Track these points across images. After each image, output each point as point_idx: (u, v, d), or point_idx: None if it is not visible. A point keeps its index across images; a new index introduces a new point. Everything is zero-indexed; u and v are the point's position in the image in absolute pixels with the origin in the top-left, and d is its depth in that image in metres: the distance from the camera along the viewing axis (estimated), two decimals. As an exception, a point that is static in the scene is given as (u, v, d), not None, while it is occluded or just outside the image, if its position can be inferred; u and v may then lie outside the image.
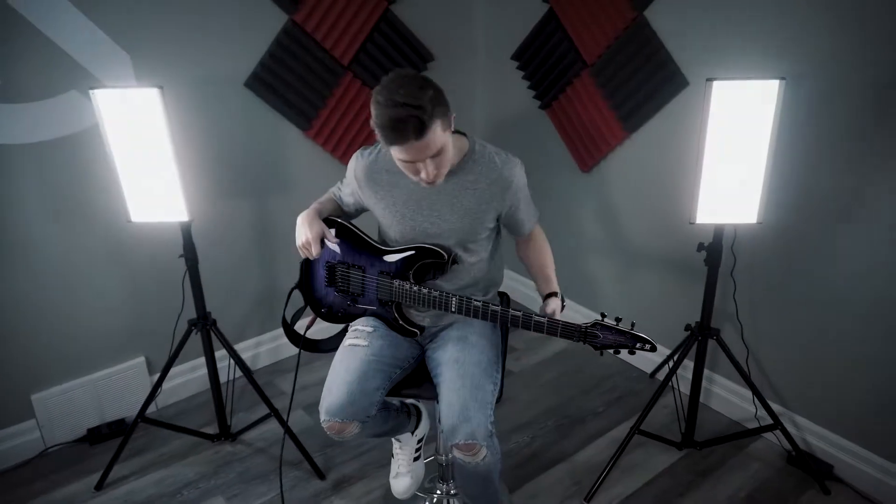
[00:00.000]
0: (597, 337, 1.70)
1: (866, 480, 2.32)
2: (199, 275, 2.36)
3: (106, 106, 2.01)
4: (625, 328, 1.69)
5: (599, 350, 1.73)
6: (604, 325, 1.70)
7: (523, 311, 1.75)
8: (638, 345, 1.69)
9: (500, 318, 1.78)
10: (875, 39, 1.95)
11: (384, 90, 1.63)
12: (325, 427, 1.81)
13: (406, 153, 1.66)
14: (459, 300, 1.81)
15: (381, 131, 1.64)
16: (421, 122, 1.59)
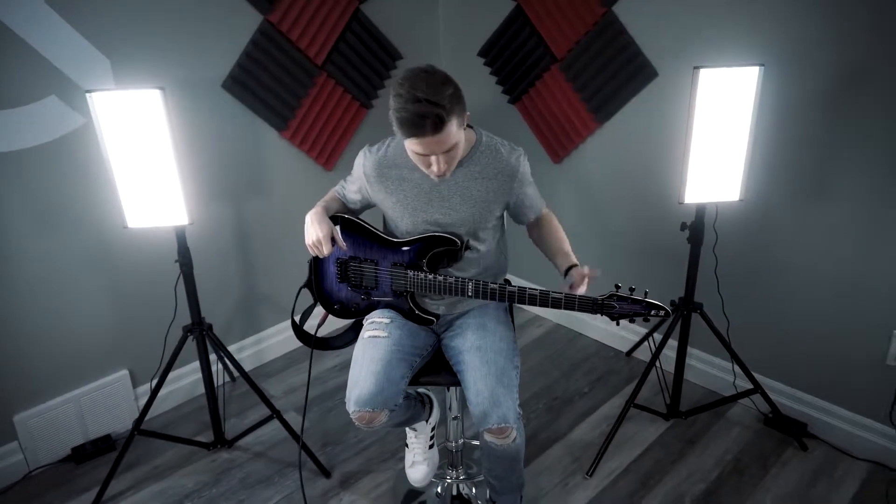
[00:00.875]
0: (613, 308, 1.80)
1: (838, 434, 2.52)
2: (194, 280, 2.33)
3: (103, 109, 1.96)
4: (639, 297, 1.79)
5: (616, 320, 1.82)
6: (619, 296, 1.79)
7: (540, 290, 1.83)
8: (652, 312, 1.78)
9: (518, 298, 1.85)
10: (840, 27, 2.13)
11: (407, 83, 1.67)
12: (355, 418, 1.83)
13: (422, 147, 1.72)
14: (476, 284, 1.88)
15: (400, 124, 1.70)
16: (440, 119, 1.65)
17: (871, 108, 2.14)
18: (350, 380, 1.88)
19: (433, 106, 1.64)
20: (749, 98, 2.06)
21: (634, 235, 2.89)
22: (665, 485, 2.40)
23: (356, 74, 2.95)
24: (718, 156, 2.14)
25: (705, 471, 2.45)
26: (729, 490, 2.37)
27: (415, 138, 1.70)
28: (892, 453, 2.40)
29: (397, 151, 1.93)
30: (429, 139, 1.69)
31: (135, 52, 2.37)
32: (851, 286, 2.34)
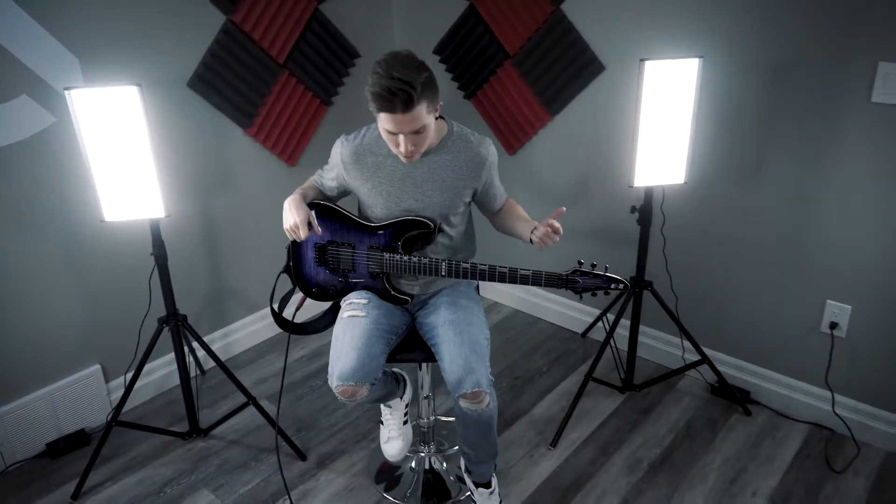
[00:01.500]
0: (577, 282, 1.95)
1: (778, 399, 2.73)
2: (168, 272, 2.39)
3: (81, 105, 2.02)
4: (600, 272, 1.94)
5: (579, 294, 1.97)
6: (582, 272, 1.94)
7: (509, 267, 1.97)
8: (612, 285, 1.94)
9: (489, 275, 1.98)
10: (768, 23, 2.34)
11: (385, 63, 1.81)
12: (338, 392, 1.94)
13: (391, 123, 1.84)
14: (449, 264, 2.00)
15: (374, 98, 1.82)
16: (409, 98, 1.78)
17: (797, 94, 2.35)
18: (332, 357, 1.99)
19: (405, 84, 1.77)
20: (690, 88, 2.24)
21: (587, 220, 3.05)
22: (623, 451, 2.56)
23: (316, 73, 3.05)
24: (664, 142, 2.32)
25: (660, 437, 2.63)
26: (682, 452, 2.55)
27: (386, 113, 1.83)
28: (828, 414, 2.61)
29: (373, 139, 2.05)
30: (399, 116, 1.82)
31: (103, 52, 2.42)
32: (787, 260, 2.55)
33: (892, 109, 2.19)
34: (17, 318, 2.45)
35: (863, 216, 2.35)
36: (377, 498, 2.39)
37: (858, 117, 2.26)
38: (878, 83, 2.19)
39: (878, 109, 2.22)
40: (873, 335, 2.46)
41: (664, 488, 2.40)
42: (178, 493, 2.41)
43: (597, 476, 2.45)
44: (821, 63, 2.28)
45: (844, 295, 2.48)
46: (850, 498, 2.34)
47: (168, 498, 2.40)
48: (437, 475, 2.47)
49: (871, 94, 2.21)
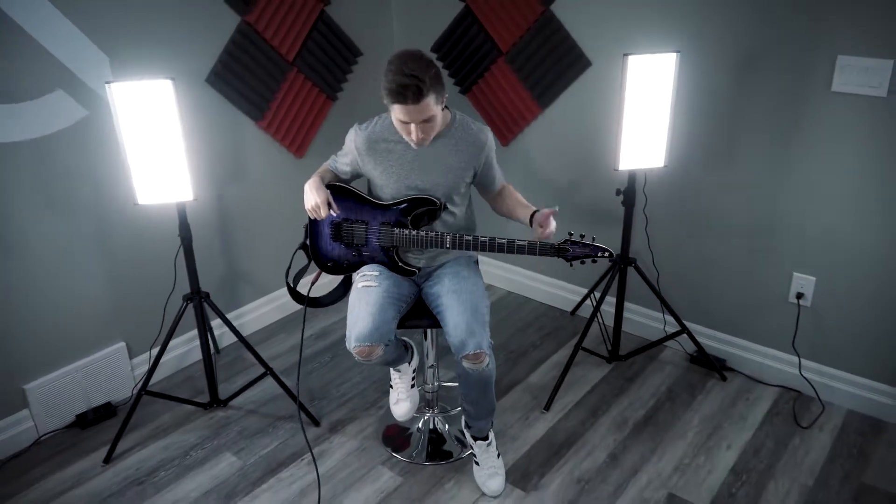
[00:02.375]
0: (568, 251, 2.18)
1: (752, 366, 2.99)
2: (193, 252, 2.59)
3: (120, 98, 2.22)
4: (588, 241, 2.18)
5: (570, 262, 2.20)
6: (573, 241, 2.18)
7: (507, 238, 2.20)
8: (599, 253, 2.18)
9: (489, 246, 2.21)
10: (737, 19, 2.59)
11: (397, 60, 2.05)
12: (355, 352, 2.16)
13: (403, 113, 2.07)
14: (453, 237, 2.23)
15: (388, 92, 2.05)
16: (420, 90, 2.02)
17: (764, 85, 2.60)
18: (349, 322, 2.21)
19: (415, 79, 2.01)
20: (669, 79, 2.49)
21: (576, 203, 3.28)
22: (611, 413, 2.80)
23: (323, 70, 3.26)
24: (646, 128, 2.56)
25: (643, 400, 2.87)
26: (664, 413, 2.79)
27: (398, 105, 2.06)
28: (795, 377, 2.87)
29: (384, 127, 2.27)
30: (410, 107, 2.05)
31: (130, 50, 2.62)
32: (757, 236, 2.81)
33: (849, 97, 2.45)
34: (51, 298, 2.64)
35: (825, 195, 2.61)
36: (386, 457, 2.61)
37: (820, 105, 2.51)
38: (837, 74, 2.45)
39: (837, 98, 2.47)
40: (835, 304, 2.71)
41: (648, 443, 2.64)
42: (203, 456, 2.62)
43: (586, 435, 2.69)
44: (786, 56, 2.53)
45: (809, 267, 2.73)
46: (815, 449, 2.59)
47: (194, 460, 2.60)
48: (439, 436, 2.70)
49: (831, 84, 2.47)
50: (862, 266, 2.61)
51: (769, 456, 2.57)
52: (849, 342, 2.73)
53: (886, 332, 2.63)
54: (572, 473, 2.51)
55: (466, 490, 2.46)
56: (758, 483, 2.45)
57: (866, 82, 2.41)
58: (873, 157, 2.47)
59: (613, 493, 2.43)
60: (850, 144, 2.50)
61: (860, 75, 2.41)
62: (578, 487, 2.45)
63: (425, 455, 2.61)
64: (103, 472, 2.56)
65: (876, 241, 2.55)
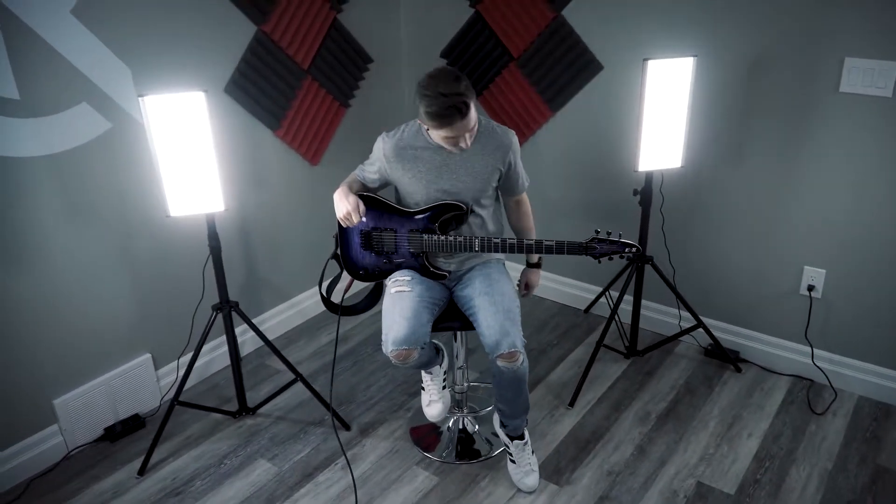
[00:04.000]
0: (595, 249, 2.25)
1: (765, 357, 3.09)
2: (222, 262, 2.62)
3: (153, 110, 2.24)
4: (615, 238, 2.24)
5: (598, 259, 2.26)
6: (599, 239, 2.24)
7: (535, 240, 2.26)
8: (626, 249, 2.24)
9: (517, 247, 2.27)
10: (748, 25, 2.68)
11: (430, 86, 2.10)
12: (392, 356, 2.21)
13: (452, 131, 2.14)
14: (482, 240, 2.29)
15: (432, 118, 2.10)
16: (465, 105, 2.09)
17: (775, 86, 2.70)
18: (385, 327, 2.26)
19: (456, 97, 2.07)
20: (686, 82, 2.57)
21: (588, 203, 3.35)
22: (633, 407, 2.88)
23: (336, 77, 3.30)
24: (663, 130, 2.64)
25: (664, 393, 2.96)
26: (684, 405, 2.88)
27: (447, 127, 2.11)
28: (807, 366, 2.98)
29: (411, 135, 2.32)
30: (458, 125, 2.12)
31: (151, 62, 2.63)
32: (768, 231, 2.91)
33: (856, 98, 2.55)
34: (78, 311, 2.65)
35: (833, 191, 2.71)
36: (419, 458, 2.66)
37: (828, 105, 2.62)
38: (845, 76, 2.55)
39: (845, 98, 2.58)
40: (844, 295, 2.82)
41: (672, 435, 2.72)
42: (238, 464, 2.65)
43: (612, 429, 2.77)
44: (795, 59, 2.63)
45: (819, 261, 2.84)
46: (831, 434, 2.70)
47: (228, 468, 2.63)
48: (468, 436, 2.75)
49: (839, 86, 2.57)
50: (870, 258, 2.72)
51: (788, 442, 2.66)
52: (859, 331, 2.84)
53: (893, 319, 2.74)
54: (602, 467, 2.59)
55: (502, 487, 2.51)
56: (780, 469, 2.54)
57: (873, 83, 2.51)
58: (879, 153, 2.58)
59: (644, 484, 2.50)
60: (858, 142, 2.61)
61: (867, 76, 2.51)
62: (609, 480, 2.53)
63: (455, 455, 2.67)
64: (139, 483, 2.58)
65: (882, 233, 2.66)
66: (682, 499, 2.44)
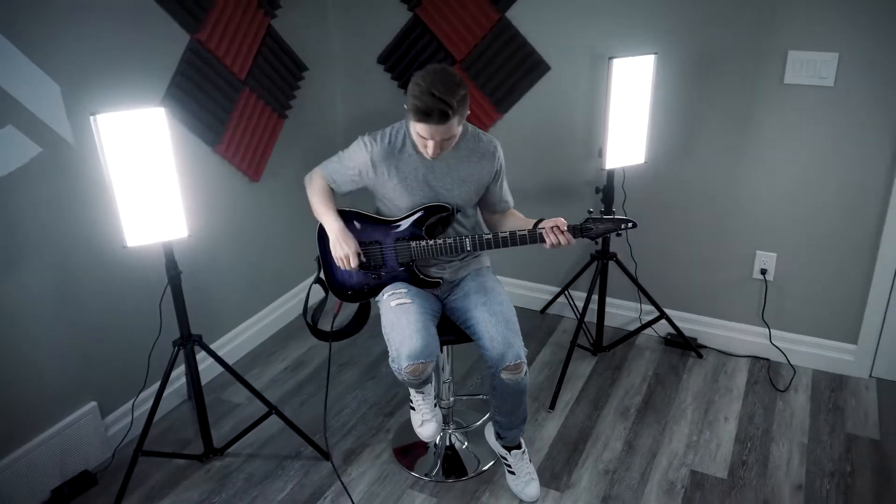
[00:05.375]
0: (591, 229, 2.20)
1: (721, 340, 3.20)
2: (182, 293, 2.38)
3: (106, 130, 2.00)
4: (609, 216, 2.20)
5: (595, 239, 2.20)
6: (594, 219, 2.19)
7: (528, 229, 2.18)
8: (623, 225, 2.17)
9: (511, 240, 2.19)
10: (699, 21, 2.76)
11: (428, 78, 2.01)
12: (407, 371, 2.09)
13: (425, 131, 2.05)
14: (473, 238, 2.21)
15: (414, 109, 2.02)
16: (445, 115, 2.01)
17: (721, 79, 2.80)
18: (395, 342, 2.14)
19: (443, 103, 1.99)
20: (648, 80, 2.61)
21: (543, 205, 3.30)
22: (612, 403, 2.90)
23: (273, 88, 3.11)
24: (628, 128, 2.67)
25: (637, 386, 3.00)
26: (659, 396, 2.93)
27: (422, 123, 2.03)
28: (764, 346, 3.12)
29: (400, 138, 2.22)
30: (434, 128, 2.03)
31: (81, 77, 2.36)
32: (722, 220, 3.01)
33: (800, 88, 2.69)
34: (11, 364, 2.32)
35: (780, 178, 2.85)
36: (412, 480, 2.54)
37: (774, 97, 2.75)
38: (788, 68, 2.68)
39: (789, 89, 2.71)
40: (795, 275, 2.97)
41: (655, 426, 2.76)
42: (215, 512, 2.42)
43: (597, 427, 2.77)
44: (741, 53, 2.74)
45: (770, 245, 2.97)
46: (797, 409, 2.83)
47: (206, 518, 2.40)
48: (455, 452, 2.66)
49: (783, 77, 2.70)
50: (817, 239, 2.88)
51: (762, 421, 2.77)
52: (809, 309, 3.00)
53: (841, 296, 2.92)
54: (597, 466, 2.58)
55: (504, 500, 2.45)
56: (762, 447, 2.63)
57: (816, 74, 2.65)
58: (823, 140, 2.74)
59: (641, 478, 2.52)
60: (802, 131, 2.75)
61: (809, 68, 2.66)
62: (607, 479, 2.52)
63: (442, 472, 2.57)
64: (105, 548, 2.30)
65: (827, 215, 2.83)
66: (680, 489, 2.47)
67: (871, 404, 2.85)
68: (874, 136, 2.65)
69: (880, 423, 2.74)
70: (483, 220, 2.47)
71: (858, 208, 2.77)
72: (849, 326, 2.96)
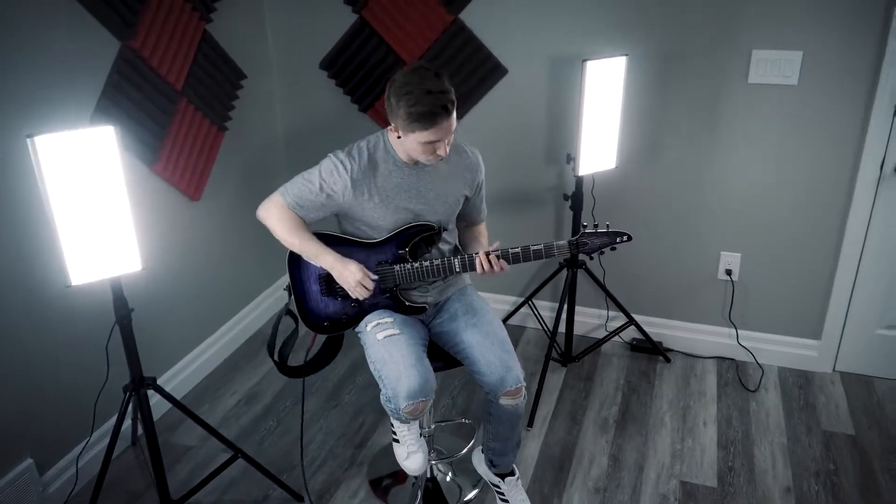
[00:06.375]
0: (586, 244, 2.09)
1: (686, 343, 3.18)
2: (133, 332, 2.11)
3: (46, 153, 1.72)
4: (604, 230, 2.09)
5: (590, 254, 2.10)
6: (588, 233, 2.09)
7: (521, 246, 2.05)
8: (618, 239, 2.08)
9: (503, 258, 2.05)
10: (662, 22, 2.71)
11: (413, 82, 1.85)
12: (408, 411, 1.93)
13: (435, 134, 1.89)
14: (462, 259, 2.06)
15: (418, 119, 1.85)
16: (452, 103, 1.88)
17: (687, 80, 2.77)
18: (389, 380, 1.96)
19: (443, 95, 1.85)
20: (619, 82, 2.54)
21: (504, 213, 3.19)
22: (589, 416, 2.82)
23: (211, 98, 2.85)
24: (600, 132, 2.59)
25: (611, 396, 2.93)
26: (635, 405, 2.87)
27: (433, 128, 1.87)
28: (727, 346, 3.12)
29: (380, 153, 2.05)
30: (443, 125, 1.88)
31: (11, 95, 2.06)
32: (687, 221, 2.99)
33: (764, 88, 2.69)
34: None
35: (744, 178, 2.85)
36: (395, 517, 2.37)
37: (738, 96, 2.73)
38: (753, 67, 2.68)
39: (753, 89, 2.71)
40: (759, 275, 2.98)
41: (637, 438, 2.69)
42: (182, 574, 2.17)
43: (579, 442, 2.67)
44: (704, 53, 2.71)
45: (734, 245, 2.97)
46: (771, 409, 2.84)
47: (172, 582, 2.14)
48: (435, 482, 2.51)
49: (747, 77, 2.69)
50: (781, 238, 2.89)
51: (740, 423, 2.75)
52: (773, 307, 3.02)
53: (805, 293, 2.95)
54: (587, 485, 2.48)
55: (497, 530, 2.31)
56: (745, 452, 2.61)
57: (780, 72, 2.66)
58: (786, 139, 2.74)
59: (632, 495, 2.44)
60: (767, 130, 2.75)
61: (773, 67, 2.65)
62: (599, 497, 2.43)
63: (424, 504, 2.42)
64: None
65: (790, 213, 2.84)
66: (673, 502, 2.41)
67: (840, 399, 2.89)
68: (838, 135, 2.68)
69: (852, 418, 2.78)
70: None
71: (822, 206, 2.80)
72: (812, 323, 2.99)
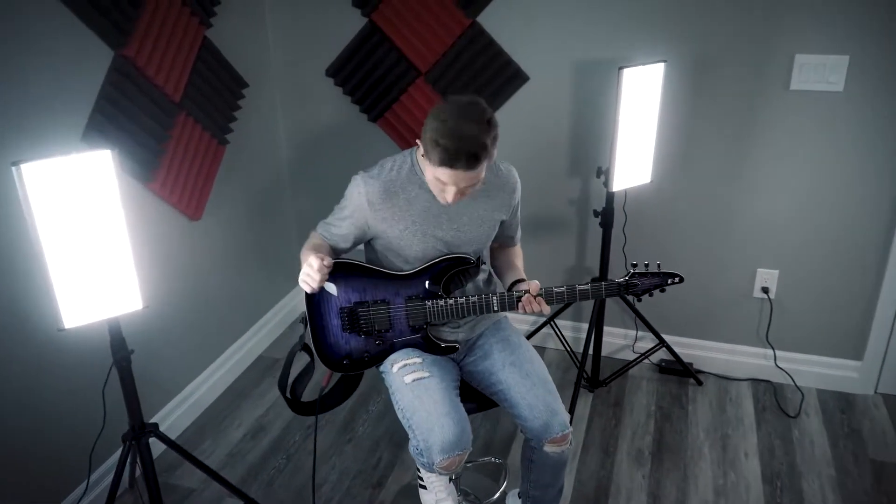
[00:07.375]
0: (636, 286, 1.92)
1: (719, 364, 3.00)
2: (133, 377, 1.90)
3: (34, 183, 1.51)
4: (655, 270, 1.93)
5: (639, 296, 1.94)
6: (640, 274, 1.92)
7: (566, 286, 1.88)
8: (669, 280, 1.93)
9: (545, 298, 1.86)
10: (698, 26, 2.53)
11: (454, 114, 1.67)
12: (442, 466, 1.73)
13: (448, 177, 1.71)
14: (501, 297, 1.87)
15: (437, 151, 1.66)
16: (476, 159, 1.67)
17: (722, 87, 2.59)
18: (420, 431, 1.76)
19: (475, 146, 1.66)
20: (657, 91, 2.35)
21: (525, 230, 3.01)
22: (622, 447, 2.63)
23: (212, 109, 2.63)
24: (635, 144, 2.40)
25: (643, 424, 2.74)
26: (669, 434, 2.69)
27: (448, 169, 1.67)
28: (761, 367, 2.94)
29: (403, 173, 1.85)
30: (458, 174, 1.69)
31: None
32: (721, 237, 2.80)
33: (807, 95, 2.51)
34: None
35: (783, 191, 2.67)
36: (422, 567, 2.17)
37: (778, 104, 2.55)
38: (795, 73, 2.49)
39: (795, 95, 2.52)
40: (797, 293, 2.80)
41: (675, 472, 2.51)
42: None
43: (614, 477, 2.49)
44: (743, 59, 2.52)
45: (772, 262, 2.79)
46: (814, 435, 2.66)
47: None
48: (463, 525, 2.31)
49: (789, 83, 2.51)
50: (820, 254, 2.72)
51: (784, 454, 2.57)
52: (812, 326, 2.84)
53: (846, 312, 2.78)
54: (627, 527, 2.30)
55: (532, 582, 2.12)
56: (792, 486, 2.43)
57: (824, 78, 2.48)
58: (829, 149, 2.57)
59: (676, 536, 2.26)
60: (808, 140, 2.58)
61: (818, 72, 2.48)
62: (641, 541, 2.25)
63: (453, 551, 2.22)
64: None
65: (831, 229, 2.67)
66: (721, 545, 2.23)
67: (886, 423, 2.72)
68: (884, 145, 2.51)
69: (901, 445, 2.62)
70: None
71: (865, 220, 2.62)
72: (854, 342, 2.82)
